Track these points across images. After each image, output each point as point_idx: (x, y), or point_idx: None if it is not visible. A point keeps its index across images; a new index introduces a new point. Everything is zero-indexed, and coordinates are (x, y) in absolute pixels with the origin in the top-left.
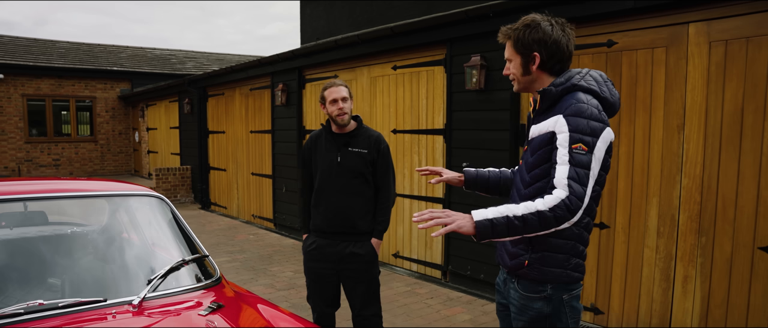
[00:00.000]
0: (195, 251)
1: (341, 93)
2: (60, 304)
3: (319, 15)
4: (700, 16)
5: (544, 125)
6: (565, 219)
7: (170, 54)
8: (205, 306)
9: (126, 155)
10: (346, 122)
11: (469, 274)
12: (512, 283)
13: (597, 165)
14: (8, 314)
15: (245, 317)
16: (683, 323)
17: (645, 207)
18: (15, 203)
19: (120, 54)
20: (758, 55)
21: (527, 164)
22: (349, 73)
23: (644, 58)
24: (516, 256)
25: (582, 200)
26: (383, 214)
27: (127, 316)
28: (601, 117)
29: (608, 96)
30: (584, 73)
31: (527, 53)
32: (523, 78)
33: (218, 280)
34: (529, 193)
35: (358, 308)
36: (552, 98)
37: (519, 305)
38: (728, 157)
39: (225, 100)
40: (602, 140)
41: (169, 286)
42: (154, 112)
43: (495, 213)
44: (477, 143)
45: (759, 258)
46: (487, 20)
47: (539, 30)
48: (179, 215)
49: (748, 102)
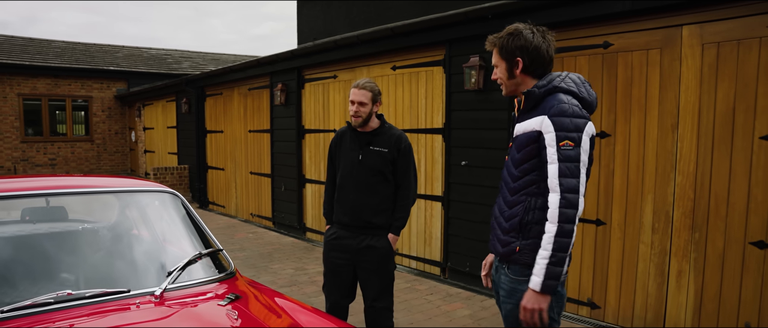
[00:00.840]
0: (209, 244)
1: (358, 97)
2: (87, 294)
3: (316, 15)
4: (693, 19)
5: (528, 124)
6: (573, 214)
7: (166, 54)
8: (225, 297)
9: (122, 155)
10: (358, 124)
11: (468, 270)
12: (503, 268)
13: (585, 156)
14: (40, 303)
15: (264, 308)
16: (677, 316)
17: (640, 204)
18: (37, 199)
19: (116, 54)
20: (748, 56)
21: (514, 159)
22: (349, 73)
23: (639, 59)
24: (507, 243)
25: (576, 190)
26: (402, 211)
27: (149, 306)
28: (582, 113)
29: (586, 96)
30: (564, 76)
31: (511, 59)
32: (509, 81)
33: (232, 273)
34: (518, 186)
35: (371, 299)
36: (535, 99)
37: (508, 288)
38: (720, 155)
39: (223, 99)
40: (586, 134)
41: (186, 278)
42: (151, 112)
43: (541, 270)
44: (476, 142)
45: (750, 253)
46: (486, 22)
47: (521, 37)
48: (192, 210)
49: (739, 102)
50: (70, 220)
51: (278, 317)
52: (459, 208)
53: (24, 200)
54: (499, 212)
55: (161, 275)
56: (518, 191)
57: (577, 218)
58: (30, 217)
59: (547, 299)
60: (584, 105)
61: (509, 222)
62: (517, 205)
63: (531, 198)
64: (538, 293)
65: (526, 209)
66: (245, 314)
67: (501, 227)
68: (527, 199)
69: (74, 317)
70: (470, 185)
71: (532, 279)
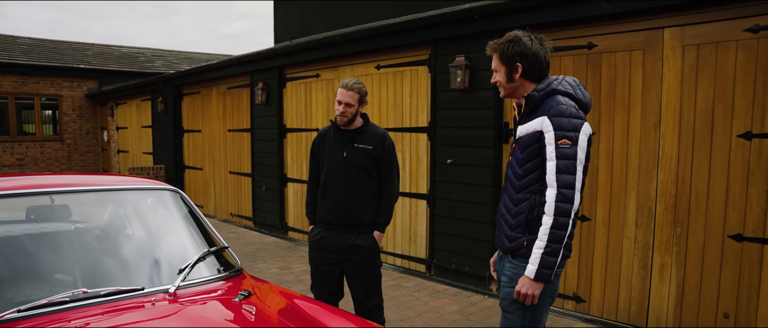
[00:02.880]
0: (214, 242)
1: (346, 98)
2: (102, 292)
3: (293, 14)
4: (675, 21)
5: (530, 125)
6: (568, 208)
7: (138, 52)
8: (238, 294)
9: (94, 155)
10: (343, 123)
11: (454, 267)
12: (507, 258)
13: (582, 154)
14: (56, 302)
15: (276, 304)
16: (660, 308)
17: (624, 200)
18: (41, 197)
19: (86, 51)
20: (726, 58)
21: (518, 159)
22: (332, 72)
23: (623, 60)
24: (515, 239)
25: (572, 186)
26: (386, 208)
27: (164, 303)
28: (579, 114)
29: (581, 97)
30: (560, 79)
31: (511, 64)
32: (508, 85)
33: (240, 271)
34: (522, 184)
35: (361, 299)
36: (535, 102)
37: (511, 274)
38: (700, 152)
39: (201, 98)
40: (583, 133)
41: (196, 276)
42: (125, 111)
43: (536, 259)
44: (461, 141)
45: (728, 246)
46: (472, 22)
47: (521, 44)
48: (195, 207)
49: (718, 102)
50: (75, 218)
51: (292, 311)
52: (444, 205)
53: (26, 199)
54: (505, 210)
55: (170, 273)
56: (523, 189)
57: (573, 212)
58: (35, 216)
59: (540, 287)
60: (580, 106)
61: (516, 219)
62: (523, 202)
63: (535, 195)
64: (532, 280)
65: (531, 206)
66: (262, 310)
67: (508, 224)
68: (532, 196)
69: (90, 316)
70: (456, 182)
71: (528, 267)
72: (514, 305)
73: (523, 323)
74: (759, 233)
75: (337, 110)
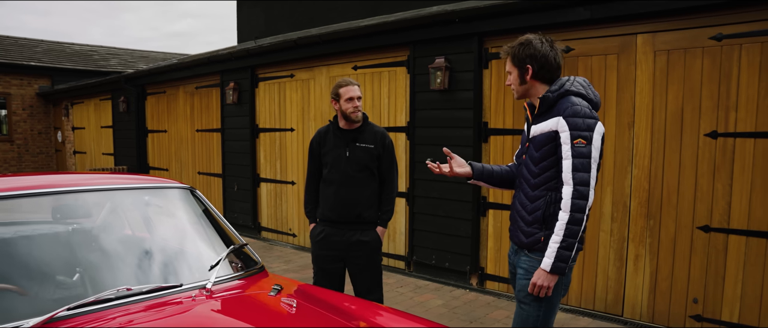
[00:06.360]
0: (232, 238)
1: (357, 92)
2: (144, 289)
3: (257, 14)
4: (647, 28)
5: (545, 125)
6: (584, 205)
7: (92, 50)
8: (272, 288)
9: (47, 156)
10: (359, 119)
11: (434, 263)
12: (524, 252)
13: (596, 152)
14: (103, 299)
15: (308, 297)
16: (635, 297)
17: (600, 195)
18: (66, 196)
19: (35, 48)
20: (694, 63)
21: (533, 158)
22: (307, 72)
23: (598, 63)
24: (531, 234)
25: (587, 183)
26: (388, 204)
27: (202, 299)
28: (592, 114)
29: (593, 97)
30: (572, 80)
31: (522, 66)
32: (521, 87)
33: (262, 267)
34: (538, 182)
35: (363, 294)
36: (549, 103)
37: (527, 267)
38: (671, 150)
39: (167, 98)
40: (597, 132)
41: (224, 273)
42: (82, 111)
43: (552, 253)
44: (441, 140)
45: (697, 236)
46: (452, 25)
47: (531, 47)
48: (210, 205)
49: (687, 103)
50: (98, 218)
51: (328, 303)
52: (423, 203)
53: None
54: (520, 206)
55: (201, 269)
56: (539, 186)
57: (588, 208)
58: (61, 215)
59: (555, 279)
60: (592, 106)
61: (532, 215)
62: (539, 199)
63: (551, 192)
64: (548, 272)
65: (547, 203)
66: (301, 303)
67: (524, 220)
68: (548, 193)
69: (133, 312)
70: (436, 180)
71: (544, 260)
72: (529, 296)
73: (538, 314)
74: (724, 224)
75: (350, 107)
